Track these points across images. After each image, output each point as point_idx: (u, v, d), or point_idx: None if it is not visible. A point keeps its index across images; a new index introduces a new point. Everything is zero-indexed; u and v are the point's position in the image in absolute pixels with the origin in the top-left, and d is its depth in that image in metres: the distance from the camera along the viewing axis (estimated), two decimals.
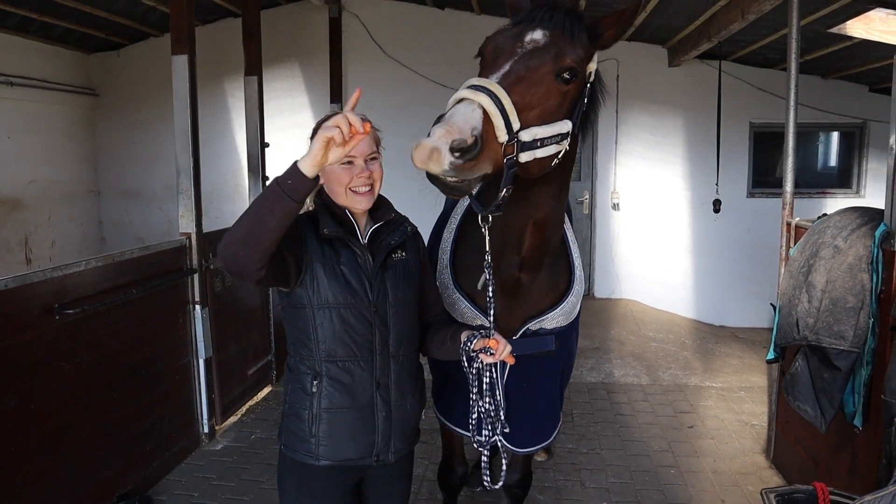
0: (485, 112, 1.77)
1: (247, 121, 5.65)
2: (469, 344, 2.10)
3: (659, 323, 7.68)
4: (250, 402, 5.41)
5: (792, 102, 4.11)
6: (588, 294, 8.32)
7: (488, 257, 2.26)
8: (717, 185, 7.39)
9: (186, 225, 4.48)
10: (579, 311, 2.86)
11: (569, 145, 2.07)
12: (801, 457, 3.88)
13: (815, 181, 8.25)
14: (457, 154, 1.68)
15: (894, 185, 2.88)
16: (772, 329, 3.61)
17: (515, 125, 1.83)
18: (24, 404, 3.07)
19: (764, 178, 8.17)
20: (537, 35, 2.00)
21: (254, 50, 5.56)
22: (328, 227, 2.04)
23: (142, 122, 8.50)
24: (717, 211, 7.47)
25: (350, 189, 2.05)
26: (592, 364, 6.30)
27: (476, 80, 1.86)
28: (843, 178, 8.24)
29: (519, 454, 2.93)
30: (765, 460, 4.49)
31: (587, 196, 8.28)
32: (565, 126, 2.02)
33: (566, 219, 2.70)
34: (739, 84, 7.73)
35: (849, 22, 5.65)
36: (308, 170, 1.69)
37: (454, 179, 1.76)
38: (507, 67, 1.91)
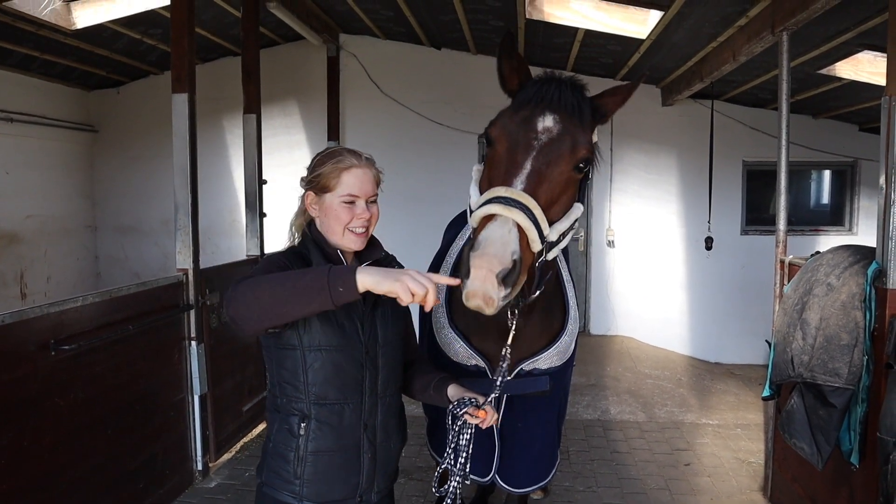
0: (519, 228, 1.75)
1: (245, 158, 5.69)
2: (458, 409, 2.04)
3: (655, 360, 7.67)
4: (245, 439, 5.36)
5: (784, 141, 4.18)
6: (584, 331, 8.31)
7: (507, 351, 2.21)
8: (708, 222, 7.45)
9: (183, 261, 4.49)
10: (575, 349, 2.85)
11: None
12: (799, 495, 3.85)
13: (807, 219, 8.33)
14: (504, 286, 1.67)
15: (885, 224, 2.91)
16: (767, 366, 3.61)
17: (546, 232, 1.82)
18: (17, 440, 3.03)
19: (757, 216, 8.25)
20: (549, 123, 1.96)
21: (253, 88, 5.63)
22: (320, 265, 2.01)
23: (140, 159, 8.57)
24: (708, 248, 7.52)
25: (348, 228, 2.04)
26: (588, 401, 6.27)
27: (504, 192, 1.81)
28: (836, 215, 8.33)
29: (515, 494, 2.90)
30: (762, 498, 4.45)
31: (582, 233, 8.33)
32: (578, 210, 2.01)
33: (562, 258, 2.71)
34: (732, 123, 7.85)
35: (838, 63, 5.79)
36: (363, 287, 1.65)
37: (501, 306, 1.75)
38: (528, 167, 1.88)
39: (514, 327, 2.18)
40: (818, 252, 3.53)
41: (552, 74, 2.10)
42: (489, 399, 2.06)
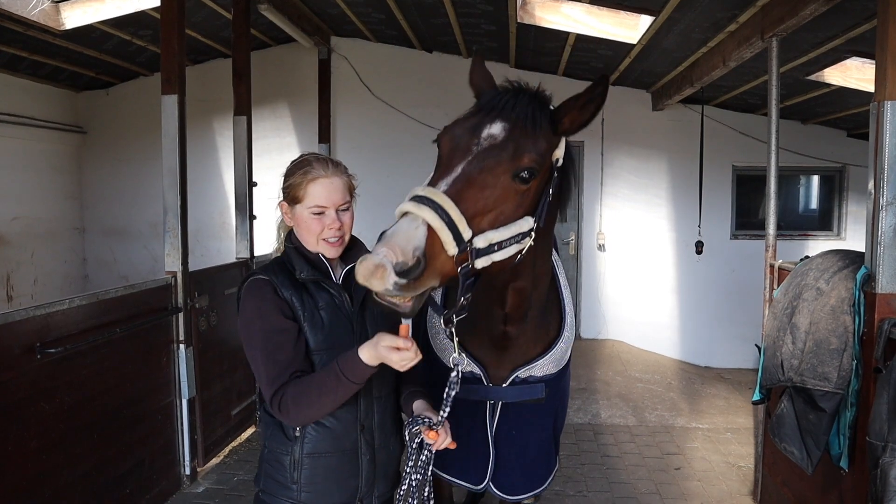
0: (429, 227, 1.67)
1: (235, 160, 5.67)
2: (412, 426, 2.02)
3: (645, 363, 7.68)
4: (233, 444, 5.32)
5: (773, 146, 4.19)
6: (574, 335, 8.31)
7: (455, 361, 2.06)
8: (699, 227, 7.48)
9: (172, 263, 4.46)
10: (570, 356, 2.83)
11: (534, 240, 1.97)
12: (789, 499, 3.86)
13: (796, 223, 8.37)
14: (400, 276, 1.59)
15: (874, 229, 2.93)
16: (757, 370, 3.62)
17: (466, 234, 1.73)
18: (1, 446, 3.00)
19: (747, 220, 8.29)
20: (495, 129, 1.89)
21: (243, 90, 5.61)
22: (304, 272, 2.03)
23: (129, 160, 8.51)
24: (699, 252, 7.55)
25: (321, 238, 2.05)
26: (579, 405, 6.27)
27: (420, 190, 1.75)
28: (824, 220, 8.37)
29: (509, 501, 2.89)
30: (752, 502, 4.46)
31: (573, 237, 8.34)
32: (526, 224, 1.91)
33: (559, 263, 2.69)
34: (722, 128, 7.89)
35: (826, 70, 5.82)
36: (370, 360, 1.82)
37: (398, 298, 1.67)
38: (458, 170, 1.81)
39: (456, 342, 2.08)
40: (807, 257, 3.54)
41: (516, 83, 2.03)
42: (441, 420, 1.99)
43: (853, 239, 8.00)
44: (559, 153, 2.03)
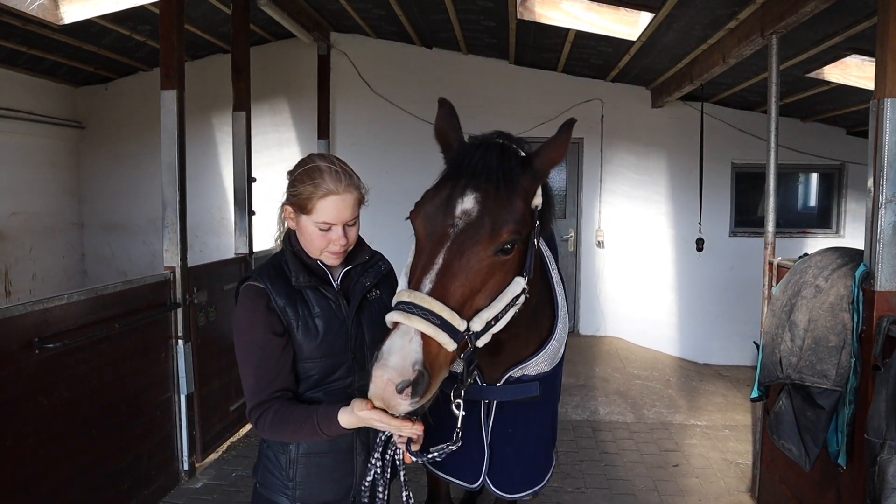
0: (423, 334, 1.66)
1: (234, 155, 5.66)
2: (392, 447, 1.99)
3: (643, 360, 7.68)
4: (232, 439, 5.33)
5: (773, 144, 4.19)
6: (573, 331, 8.32)
7: (459, 434, 2.00)
8: (699, 224, 7.48)
9: (171, 259, 4.46)
10: (564, 351, 2.82)
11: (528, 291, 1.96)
12: (786, 496, 3.87)
13: (795, 221, 8.38)
14: (412, 395, 1.61)
15: (873, 226, 2.93)
16: (755, 367, 3.62)
17: (462, 326, 1.72)
18: (0, 441, 3.00)
19: (746, 218, 8.29)
20: (468, 204, 1.82)
21: (242, 86, 5.60)
22: (301, 278, 2.00)
23: (127, 156, 8.49)
24: (699, 249, 7.56)
25: (324, 250, 2.02)
26: (577, 402, 6.27)
27: (406, 296, 1.71)
28: (823, 218, 8.38)
29: (506, 500, 2.88)
30: (750, 499, 4.46)
31: (572, 234, 8.34)
32: (518, 286, 1.89)
33: (552, 258, 2.68)
34: (721, 125, 7.88)
35: (826, 67, 5.82)
36: (348, 425, 1.83)
37: (419, 407, 1.68)
38: (440, 262, 1.76)
39: (461, 416, 2.01)
40: (806, 254, 3.54)
41: (481, 139, 1.99)
42: (426, 458, 1.95)
43: (852, 237, 8.01)
44: (538, 200, 1.99)
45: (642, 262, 8.30)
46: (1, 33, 6.24)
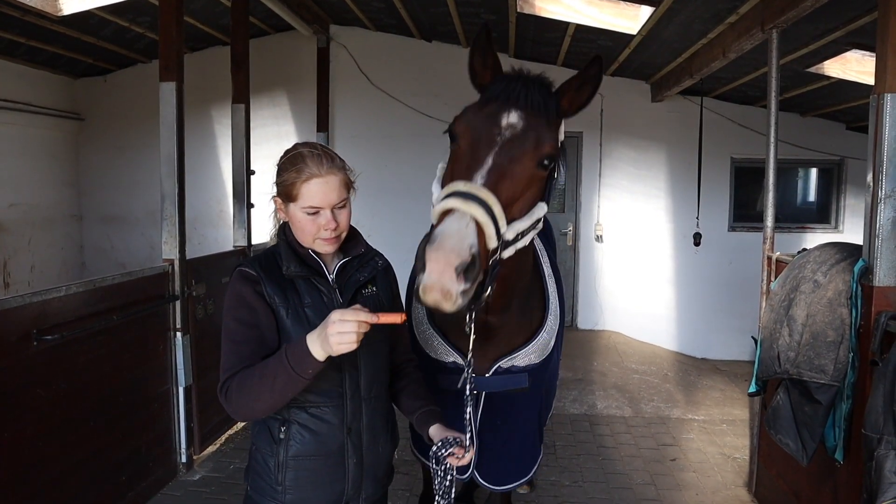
0: (477, 223, 1.69)
1: (233, 148, 5.65)
2: (443, 451, 1.97)
3: (641, 355, 7.69)
4: (230, 432, 5.33)
5: (772, 139, 4.19)
6: (571, 325, 8.33)
7: (470, 357, 2.06)
8: (697, 218, 7.48)
9: (169, 251, 4.45)
10: (557, 345, 2.82)
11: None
12: (783, 491, 3.88)
13: (794, 216, 8.38)
14: (463, 279, 1.61)
15: (872, 222, 2.93)
16: (753, 362, 3.63)
17: (504, 229, 1.77)
18: None
19: (745, 213, 8.29)
20: (514, 118, 1.92)
21: (241, 78, 5.59)
22: (291, 267, 1.96)
23: (126, 148, 8.48)
24: (697, 244, 7.55)
25: (316, 237, 1.97)
26: (575, 395, 6.28)
27: (463, 186, 1.77)
28: (822, 213, 8.38)
29: (496, 492, 2.89)
30: (747, 494, 4.48)
31: (571, 228, 8.34)
32: (541, 210, 1.97)
33: (544, 252, 2.68)
34: (721, 120, 7.87)
35: (826, 62, 5.80)
36: (320, 355, 1.72)
37: (463, 304, 1.67)
38: (489, 162, 1.83)
39: (472, 332, 2.03)
40: (805, 249, 3.54)
41: (520, 71, 2.06)
42: (468, 437, 2.00)
43: (851, 232, 8.00)
44: (561, 136, 2.08)
45: (641, 257, 8.30)
46: (0, 24, 6.21)
